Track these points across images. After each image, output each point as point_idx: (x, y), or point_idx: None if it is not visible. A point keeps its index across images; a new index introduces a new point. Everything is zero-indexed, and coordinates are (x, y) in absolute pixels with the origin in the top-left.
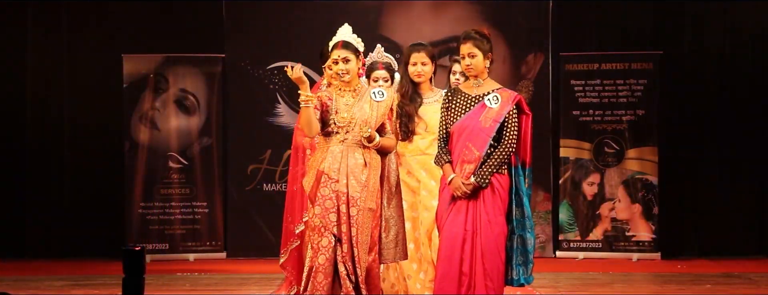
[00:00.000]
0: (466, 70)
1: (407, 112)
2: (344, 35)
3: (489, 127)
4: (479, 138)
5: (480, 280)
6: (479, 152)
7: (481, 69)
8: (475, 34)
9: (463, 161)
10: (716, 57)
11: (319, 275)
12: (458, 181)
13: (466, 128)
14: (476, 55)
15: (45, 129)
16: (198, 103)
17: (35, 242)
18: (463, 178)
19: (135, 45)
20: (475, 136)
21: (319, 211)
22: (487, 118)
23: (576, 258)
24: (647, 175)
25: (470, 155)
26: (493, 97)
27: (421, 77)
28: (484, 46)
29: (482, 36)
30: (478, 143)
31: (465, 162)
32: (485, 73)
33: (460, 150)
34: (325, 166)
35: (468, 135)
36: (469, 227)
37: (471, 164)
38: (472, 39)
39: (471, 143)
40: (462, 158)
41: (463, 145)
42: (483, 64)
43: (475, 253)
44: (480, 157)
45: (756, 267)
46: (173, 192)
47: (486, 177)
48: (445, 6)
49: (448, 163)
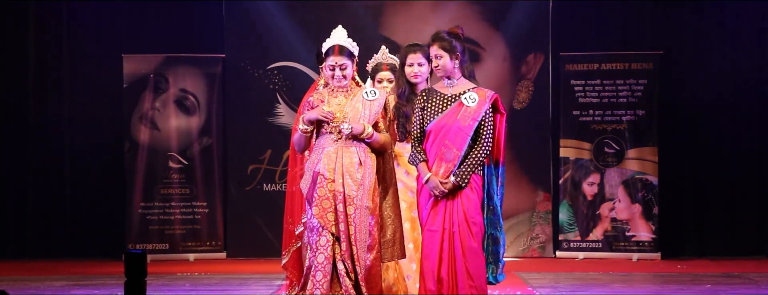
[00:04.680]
0: (436, 71)
1: (404, 113)
2: (339, 39)
3: (468, 126)
4: (458, 137)
5: (463, 280)
6: (459, 151)
7: (450, 69)
8: (443, 35)
9: (441, 159)
10: (716, 57)
11: (318, 273)
12: (436, 180)
13: (443, 127)
14: (443, 56)
15: (45, 129)
16: (198, 103)
17: (35, 242)
18: (440, 177)
19: (135, 45)
20: (454, 136)
21: (317, 211)
22: (466, 117)
23: (576, 258)
24: (647, 175)
25: (449, 154)
26: (469, 96)
27: (418, 78)
28: (450, 47)
29: (451, 36)
30: (457, 142)
31: (444, 161)
32: (457, 72)
33: (438, 149)
34: (320, 167)
35: (446, 134)
36: (448, 226)
37: (450, 163)
38: (439, 40)
39: (450, 142)
40: (440, 157)
41: (440, 144)
42: (451, 65)
43: (455, 253)
44: (459, 156)
45: (756, 267)
46: (173, 192)
47: (466, 177)
48: (445, 6)
49: (423, 162)
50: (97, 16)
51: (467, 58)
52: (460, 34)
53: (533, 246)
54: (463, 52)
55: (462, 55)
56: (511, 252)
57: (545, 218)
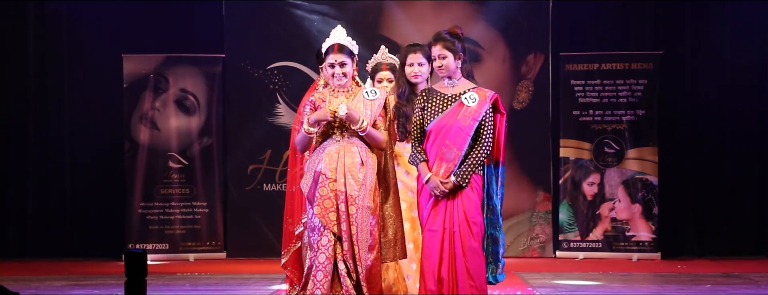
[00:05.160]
0: (439, 71)
1: (404, 113)
2: (338, 38)
3: (468, 126)
4: (459, 137)
5: (464, 280)
6: (459, 151)
7: (453, 69)
8: (445, 36)
9: (441, 159)
10: (716, 57)
11: (318, 273)
12: (436, 180)
13: (443, 127)
14: (447, 56)
15: (45, 129)
16: (198, 103)
17: (35, 242)
18: (441, 177)
19: (135, 45)
20: (454, 135)
21: (319, 210)
22: (466, 117)
23: (576, 258)
24: (647, 175)
25: (450, 154)
26: (470, 96)
27: (418, 78)
28: (454, 47)
29: (453, 36)
30: (458, 142)
31: (444, 161)
32: (458, 72)
33: (439, 149)
34: (322, 166)
35: (446, 134)
36: (448, 226)
37: (450, 163)
38: (442, 40)
39: (451, 142)
40: (441, 157)
41: (441, 144)
42: (454, 65)
43: (456, 253)
44: (460, 156)
45: (756, 267)
46: (173, 192)
47: (466, 176)
48: (445, 6)
49: (423, 162)
50: (97, 16)
51: (467, 58)
52: (460, 34)
53: (533, 246)
54: (464, 52)
55: (464, 55)
56: (511, 252)
57: (545, 218)
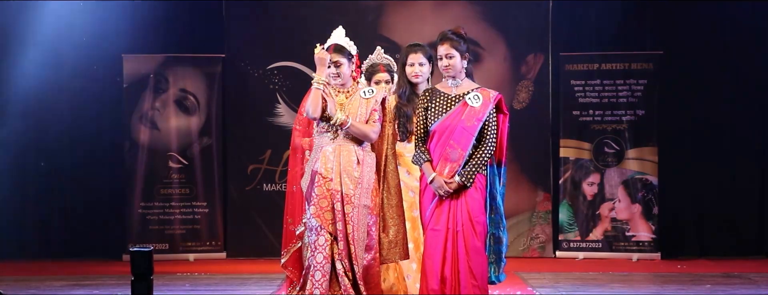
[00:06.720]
0: (444, 71)
1: (405, 113)
2: (337, 39)
3: (472, 126)
4: (463, 137)
5: (466, 279)
6: (464, 151)
7: (459, 69)
8: (451, 35)
9: (445, 159)
10: (716, 57)
11: (317, 273)
12: (441, 180)
13: (447, 127)
14: (454, 56)
15: (45, 129)
16: (198, 103)
17: (35, 242)
18: (445, 177)
19: (135, 45)
20: (458, 136)
21: (315, 210)
22: (471, 117)
23: (576, 258)
24: (647, 175)
25: (454, 154)
26: (474, 96)
27: (419, 78)
28: (460, 47)
29: (459, 36)
30: (462, 142)
31: (448, 161)
32: (463, 73)
33: (443, 149)
34: (318, 166)
35: (450, 134)
36: (451, 225)
37: (454, 163)
38: (449, 40)
39: (455, 142)
40: (445, 157)
41: (445, 144)
42: (461, 65)
43: (459, 252)
44: (464, 156)
45: (756, 267)
46: (173, 192)
47: (471, 176)
48: (445, 6)
49: (427, 162)
50: (97, 16)
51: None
52: (464, 34)
53: (533, 246)
54: (469, 52)
55: (469, 55)
56: (512, 252)
57: (545, 218)
